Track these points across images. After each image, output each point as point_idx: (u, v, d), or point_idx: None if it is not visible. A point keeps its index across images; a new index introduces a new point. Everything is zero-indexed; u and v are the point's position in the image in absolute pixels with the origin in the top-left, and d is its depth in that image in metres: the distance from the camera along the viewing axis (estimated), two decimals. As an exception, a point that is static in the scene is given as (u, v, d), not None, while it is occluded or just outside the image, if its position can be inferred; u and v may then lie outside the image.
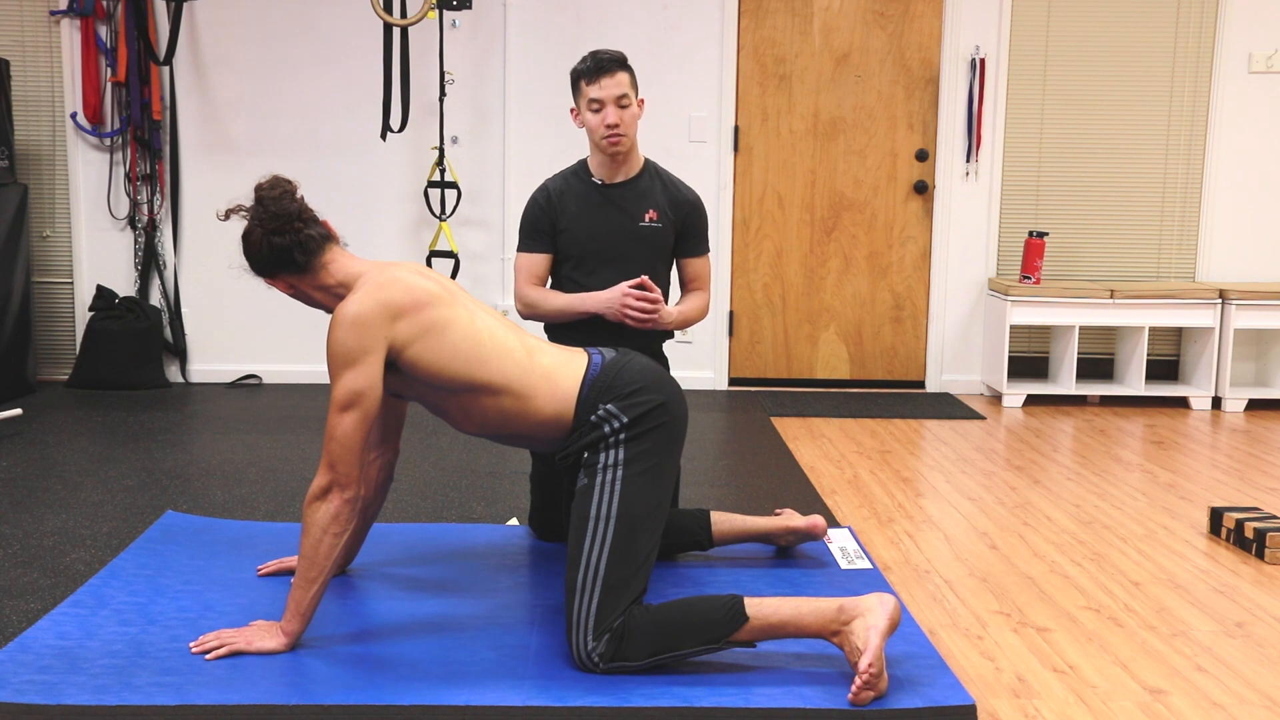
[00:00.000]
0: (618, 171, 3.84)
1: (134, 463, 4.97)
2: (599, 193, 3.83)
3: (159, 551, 3.67)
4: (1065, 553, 4.02)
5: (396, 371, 2.95)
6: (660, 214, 3.84)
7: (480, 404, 2.99)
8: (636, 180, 3.86)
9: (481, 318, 3.03)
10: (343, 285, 2.98)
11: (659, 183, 3.88)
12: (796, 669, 2.85)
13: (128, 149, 6.73)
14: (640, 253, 3.81)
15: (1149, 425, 6.24)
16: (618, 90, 3.71)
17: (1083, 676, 2.98)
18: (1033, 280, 6.70)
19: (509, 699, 2.67)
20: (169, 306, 6.82)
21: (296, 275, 3.00)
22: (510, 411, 2.99)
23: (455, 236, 6.73)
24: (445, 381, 2.95)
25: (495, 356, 2.97)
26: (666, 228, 3.85)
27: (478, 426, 3.06)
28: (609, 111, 3.72)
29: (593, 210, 3.82)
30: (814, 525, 3.71)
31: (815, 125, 6.98)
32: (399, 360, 2.92)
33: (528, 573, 3.60)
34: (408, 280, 2.95)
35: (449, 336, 2.93)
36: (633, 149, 3.83)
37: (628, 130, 3.75)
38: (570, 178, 3.89)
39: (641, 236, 3.81)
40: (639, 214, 3.82)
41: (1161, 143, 6.97)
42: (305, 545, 2.86)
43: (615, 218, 3.81)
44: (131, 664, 2.81)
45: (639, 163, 3.88)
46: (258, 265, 3.01)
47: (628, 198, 3.83)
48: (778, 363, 7.15)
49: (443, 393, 2.99)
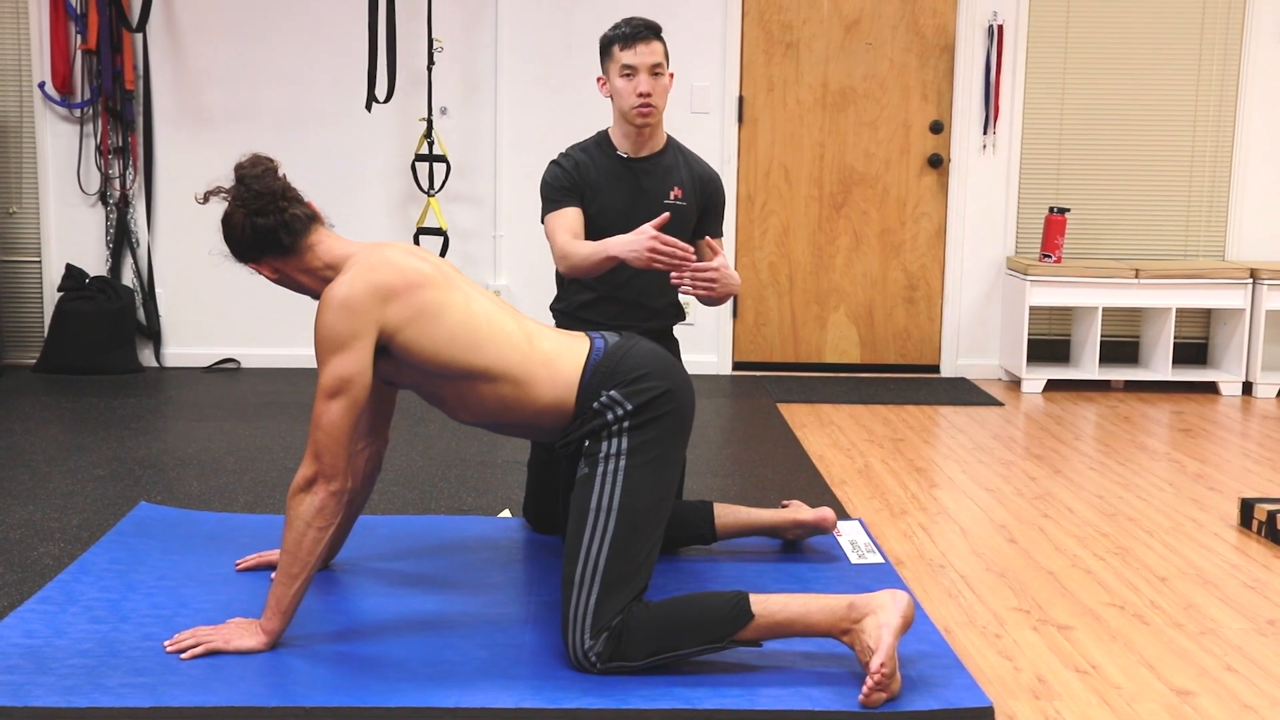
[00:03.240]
0: (643, 145, 3.83)
1: (105, 451, 4.96)
2: (624, 166, 3.82)
3: (131, 545, 3.67)
4: (1088, 546, 4.02)
5: (389, 357, 2.95)
6: (685, 191, 3.83)
7: (478, 391, 2.99)
8: (661, 156, 3.85)
9: (478, 301, 3.03)
10: (331, 268, 2.98)
11: (682, 159, 3.88)
12: (804, 669, 2.86)
13: (99, 120, 6.71)
14: (665, 231, 3.79)
15: (1176, 412, 6.24)
16: (652, 58, 3.71)
17: (1106, 677, 2.98)
18: (1053, 259, 6.69)
19: (501, 700, 2.67)
20: (142, 286, 6.80)
21: (282, 258, 2.99)
22: (509, 399, 2.99)
23: (444, 213, 6.71)
24: (440, 368, 2.95)
25: (492, 341, 2.97)
26: (691, 205, 3.84)
27: (475, 415, 3.06)
28: (641, 79, 3.71)
29: (618, 185, 3.80)
30: (823, 518, 3.71)
31: (824, 95, 6.96)
32: (391, 345, 2.91)
33: (521, 567, 3.61)
34: (400, 261, 2.95)
35: (444, 321, 2.93)
36: (659, 123, 3.82)
37: (658, 101, 3.74)
38: (592, 149, 3.86)
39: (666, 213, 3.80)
40: (665, 190, 3.81)
41: (1189, 113, 6.96)
42: (288, 539, 2.86)
43: (641, 193, 3.80)
44: (102, 664, 2.81)
45: (663, 138, 3.88)
46: (240, 249, 3.00)
47: (654, 173, 3.82)
48: (784, 346, 7.14)
49: (438, 380, 2.98)
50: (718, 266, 3.46)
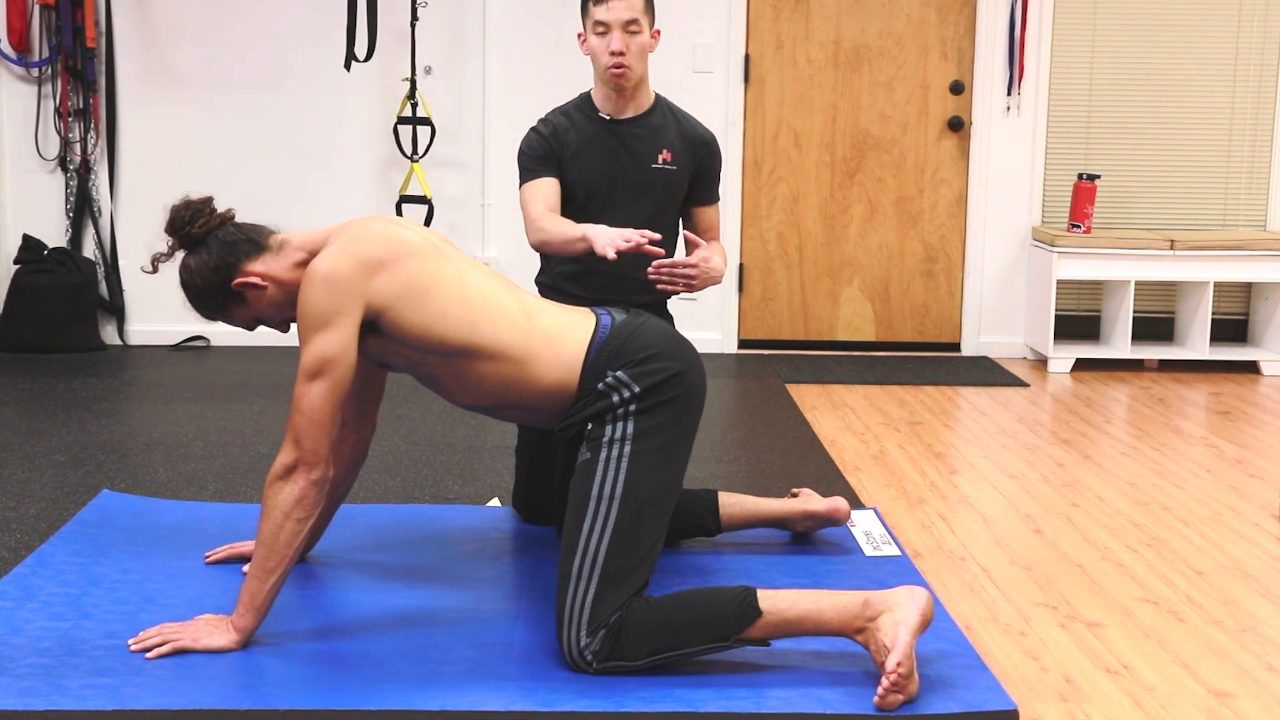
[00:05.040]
0: (626, 106, 3.81)
1: (65, 436, 4.96)
2: (607, 129, 3.80)
3: (93, 536, 3.67)
4: (1119, 538, 4.02)
5: (380, 336, 2.95)
6: (675, 155, 3.80)
7: (476, 371, 2.99)
8: (648, 116, 3.83)
9: (472, 274, 3.04)
10: (313, 251, 2.98)
11: (672, 119, 3.86)
12: (815, 669, 2.86)
13: (58, 80, 6.69)
14: (650, 198, 3.78)
15: (1214, 393, 6.24)
16: (627, 14, 3.69)
17: (1139, 678, 2.98)
18: (1082, 229, 6.68)
19: (489, 702, 2.67)
20: (105, 259, 6.80)
21: (262, 259, 2.98)
22: (510, 379, 3.00)
23: (429, 180, 6.70)
24: (435, 345, 2.95)
25: (488, 317, 2.97)
26: (681, 170, 3.82)
27: (475, 397, 3.06)
28: (615, 37, 3.69)
29: (599, 148, 3.79)
30: (835, 509, 3.71)
31: (836, 53, 6.94)
32: (381, 322, 2.91)
33: (511, 560, 3.61)
34: (386, 231, 2.97)
35: (435, 295, 2.93)
36: (641, 83, 3.80)
37: (633, 62, 3.72)
38: (573, 112, 3.86)
39: (653, 180, 3.78)
40: (652, 154, 3.79)
41: (1229, 73, 6.94)
42: (264, 530, 2.86)
43: (625, 158, 3.78)
44: (62, 664, 2.80)
45: (650, 98, 3.86)
46: (218, 272, 2.97)
47: (639, 136, 3.80)
48: (794, 323, 7.14)
49: (433, 359, 2.99)
50: (696, 263, 3.50)
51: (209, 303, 3.01)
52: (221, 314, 3.04)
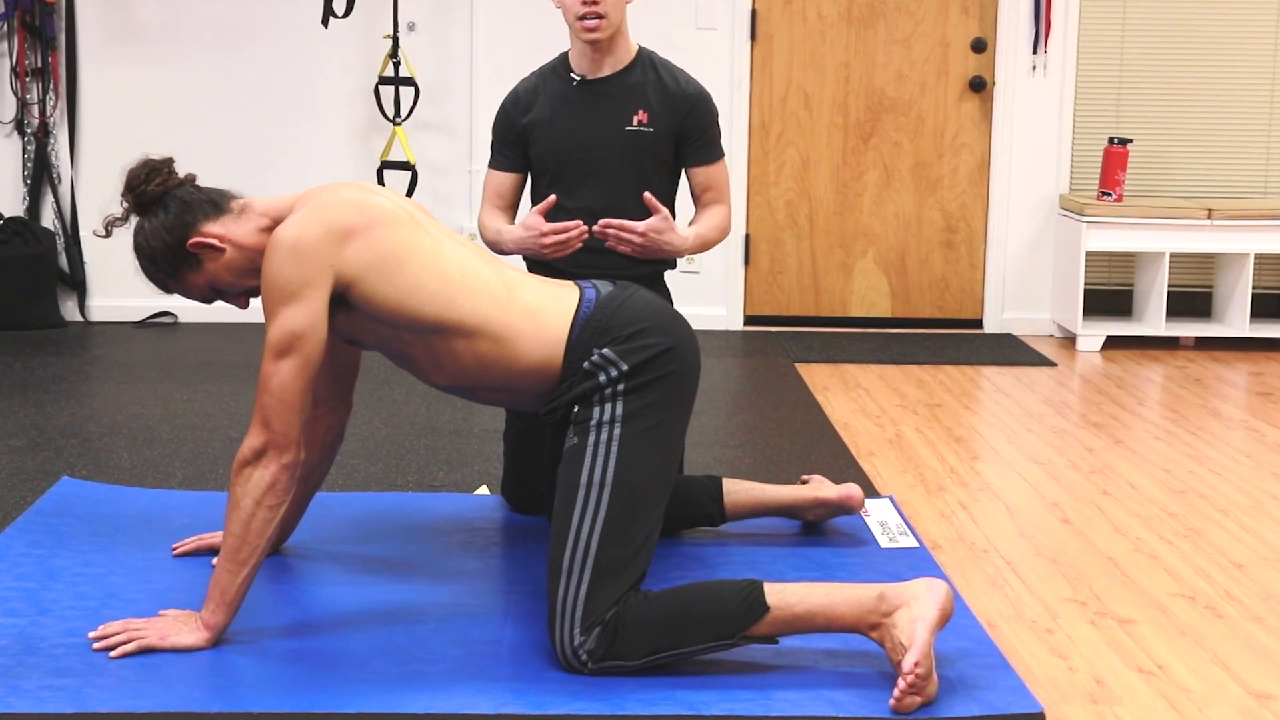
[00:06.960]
0: (601, 64, 3.77)
1: (22, 419, 4.96)
2: (577, 91, 3.77)
3: (53, 526, 3.67)
4: (1153, 528, 4.02)
5: (349, 310, 2.94)
6: (651, 115, 3.76)
7: (452, 349, 2.98)
8: (625, 74, 3.79)
9: (448, 245, 3.03)
10: (276, 219, 2.96)
11: (653, 75, 3.80)
12: (827, 669, 2.86)
13: (14, 38, 6.69)
14: (628, 163, 3.75)
15: (1254, 373, 6.25)
16: None
17: (1174, 678, 2.98)
18: (1114, 197, 6.68)
19: (477, 705, 2.67)
20: (64, 229, 6.80)
21: (221, 221, 2.97)
22: (488, 358, 2.99)
23: (412, 144, 6.69)
24: (408, 321, 2.94)
25: (466, 290, 2.97)
26: (661, 131, 3.77)
27: (451, 378, 3.06)
28: None
29: (569, 112, 3.76)
30: (848, 496, 3.71)
31: (850, 8, 6.94)
32: (350, 295, 2.91)
33: (500, 552, 3.61)
34: (356, 198, 2.97)
35: (410, 267, 2.92)
36: (619, 37, 3.75)
37: (609, 12, 3.65)
38: (547, 75, 3.84)
39: (628, 143, 3.75)
40: (626, 115, 3.76)
41: (1272, 30, 6.93)
42: (233, 520, 2.85)
43: (596, 121, 3.75)
44: (19, 663, 2.80)
45: (630, 53, 3.81)
46: (173, 233, 2.96)
47: (613, 95, 3.77)
48: (804, 297, 7.14)
49: (406, 336, 2.98)
50: (643, 230, 3.55)
51: (163, 266, 2.99)
52: (176, 281, 3.01)
